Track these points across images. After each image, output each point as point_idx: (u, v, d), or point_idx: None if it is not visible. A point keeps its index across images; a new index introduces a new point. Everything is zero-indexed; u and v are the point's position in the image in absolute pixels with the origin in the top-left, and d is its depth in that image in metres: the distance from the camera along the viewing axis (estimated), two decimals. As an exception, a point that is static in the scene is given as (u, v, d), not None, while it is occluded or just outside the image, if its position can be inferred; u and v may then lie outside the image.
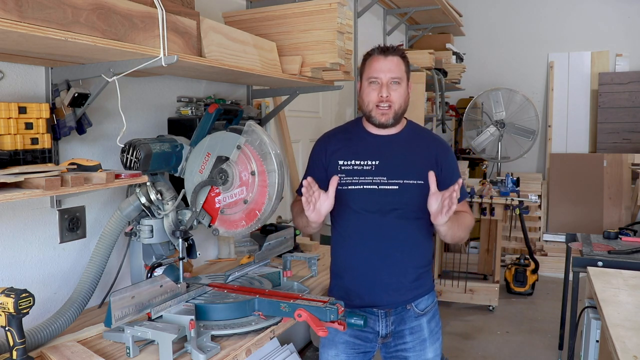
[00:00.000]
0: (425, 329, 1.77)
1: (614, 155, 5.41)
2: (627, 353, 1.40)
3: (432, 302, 1.80)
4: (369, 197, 1.68)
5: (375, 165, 1.69)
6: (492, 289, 4.22)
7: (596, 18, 5.85)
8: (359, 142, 1.75)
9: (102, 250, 1.67)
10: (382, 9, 4.90)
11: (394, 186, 1.67)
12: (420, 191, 1.65)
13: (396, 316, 1.74)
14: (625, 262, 2.45)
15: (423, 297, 1.76)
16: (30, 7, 1.13)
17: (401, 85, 1.69)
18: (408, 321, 1.75)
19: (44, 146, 1.47)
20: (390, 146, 1.73)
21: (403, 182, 1.67)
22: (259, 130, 1.74)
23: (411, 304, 1.75)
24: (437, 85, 4.79)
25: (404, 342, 1.76)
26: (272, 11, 2.22)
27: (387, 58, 1.68)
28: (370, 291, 1.72)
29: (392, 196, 1.67)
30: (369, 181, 1.68)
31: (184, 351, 1.43)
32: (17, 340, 1.27)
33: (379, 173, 1.69)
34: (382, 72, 1.67)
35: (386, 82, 1.66)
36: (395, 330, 1.76)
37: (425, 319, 1.77)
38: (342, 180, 1.69)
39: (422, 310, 1.76)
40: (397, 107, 1.69)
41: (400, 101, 1.69)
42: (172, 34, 1.53)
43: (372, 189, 1.68)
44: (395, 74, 1.67)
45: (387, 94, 1.66)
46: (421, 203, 1.64)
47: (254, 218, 1.75)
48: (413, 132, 1.78)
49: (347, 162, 1.72)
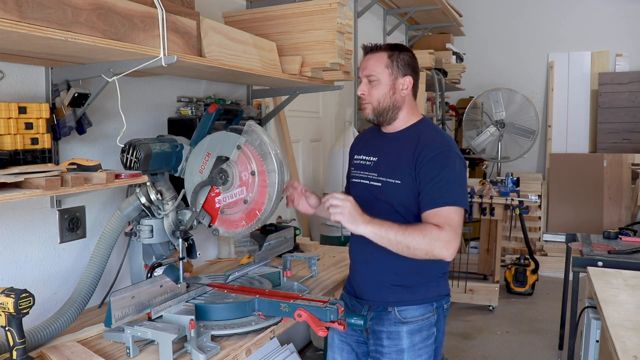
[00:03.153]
0: (405, 339, 1.68)
1: (614, 155, 5.41)
2: (627, 353, 1.40)
3: (421, 315, 1.69)
4: (362, 192, 1.74)
5: (374, 161, 1.74)
6: (492, 289, 4.23)
7: (596, 18, 5.85)
8: (372, 139, 1.82)
9: (102, 250, 1.66)
10: (382, 9, 4.90)
11: (378, 183, 1.70)
12: (397, 191, 1.65)
13: (376, 314, 1.73)
14: (625, 262, 2.45)
15: (410, 305, 1.69)
16: (30, 7, 1.13)
17: (380, 82, 1.68)
18: (386, 324, 1.70)
19: (44, 146, 1.47)
20: (389, 144, 1.74)
21: (386, 180, 1.68)
22: (259, 130, 1.74)
23: (393, 308, 1.69)
24: (437, 85, 4.79)
25: (381, 345, 1.72)
26: (272, 11, 2.22)
27: (365, 56, 1.73)
28: (358, 282, 1.79)
29: (376, 192, 1.70)
30: (365, 176, 1.75)
31: (184, 351, 1.43)
32: (17, 340, 1.27)
33: (374, 169, 1.73)
34: (360, 70, 1.73)
35: (364, 80, 1.71)
36: (374, 329, 1.73)
37: (405, 328, 1.68)
38: (352, 173, 1.82)
39: (405, 319, 1.68)
40: (375, 104, 1.70)
41: (378, 98, 1.68)
42: (172, 34, 1.53)
43: (365, 183, 1.74)
44: (369, 72, 1.69)
45: (362, 91, 1.71)
46: (400, 203, 1.65)
47: (254, 218, 1.75)
48: (414, 132, 1.72)
49: (359, 156, 1.81)
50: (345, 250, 2.08)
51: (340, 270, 2.29)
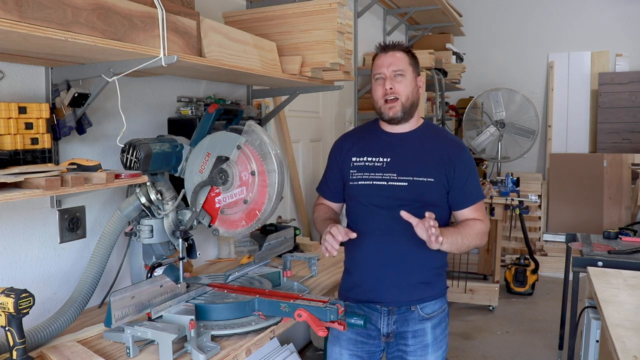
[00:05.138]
0: (429, 335, 1.73)
1: (614, 155, 5.41)
2: (627, 353, 1.40)
3: (440, 308, 1.76)
4: (377, 192, 1.70)
5: (386, 162, 1.72)
6: (492, 289, 4.22)
7: (596, 18, 5.85)
8: (373, 140, 1.79)
9: (102, 250, 1.67)
10: (382, 9, 4.90)
11: (403, 182, 1.68)
12: (430, 189, 1.67)
13: (399, 316, 1.73)
14: (625, 262, 2.45)
15: (431, 301, 1.73)
16: (30, 7, 1.13)
17: (406, 77, 1.70)
18: (412, 323, 1.72)
19: (44, 146, 1.47)
20: (402, 144, 1.74)
21: (413, 178, 1.67)
22: (259, 130, 1.74)
23: (416, 306, 1.72)
24: (437, 85, 4.79)
25: (405, 345, 1.73)
26: (272, 11, 2.22)
27: (387, 53, 1.72)
28: (375, 286, 1.72)
29: (400, 192, 1.67)
30: (379, 177, 1.70)
31: (184, 351, 1.43)
32: (17, 340, 1.27)
33: (390, 170, 1.70)
34: (384, 67, 1.71)
35: (389, 75, 1.70)
36: (398, 331, 1.74)
37: (430, 324, 1.73)
38: (354, 176, 1.75)
39: (428, 315, 1.73)
40: (404, 99, 1.69)
41: (406, 93, 1.70)
42: (172, 34, 1.53)
43: (381, 184, 1.70)
44: (397, 67, 1.69)
45: (391, 85, 1.69)
46: (431, 201, 1.66)
47: (254, 218, 1.75)
48: (428, 131, 1.78)
49: (359, 158, 1.76)
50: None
51: (340, 271, 2.28)
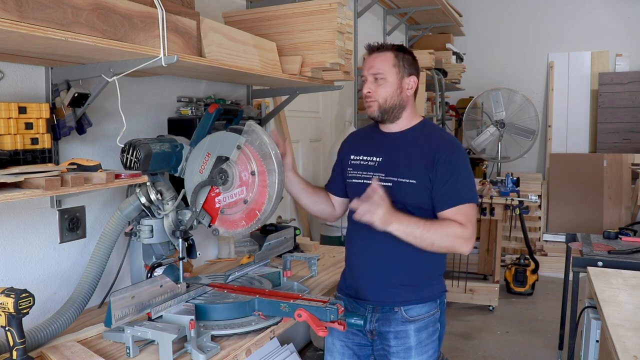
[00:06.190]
0: (412, 337, 1.70)
1: (614, 155, 5.41)
2: (627, 353, 1.40)
3: (427, 312, 1.72)
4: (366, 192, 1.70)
5: (378, 161, 1.73)
6: (492, 289, 4.22)
7: (596, 18, 5.85)
8: (371, 139, 1.81)
9: (102, 250, 1.67)
10: (382, 9, 4.90)
11: (388, 183, 1.67)
12: (412, 190, 1.65)
13: (382, 315, 1.72)
14: (625, 262, 2.45)
15: (417, 304, 1.71)
16: (30, 7, 1.13)
17: (387, 79, 1.69)
18: (394, 324, 1.71)
19: (44, 146, 1.47)
20: (394, 143, 1.74)
21: (397, 179, 1.67)
22: (259, 130, 1.74)
23: (400, 308, 1.70)
24: (437, 85, 4.79)
25: (388, 345, 1.72)
26: (272, 11, 2.22)
27: (371, 55, 1.74)
28: (360, 284, 1.76)
29: (386, 193, 1.65)
30: (370, 176, 1.71)
31: (184, 351, 1.43)
32: (17, 340, 1.27)
33: (380, 169, 1.71)
34: (366, 69, 1.73)
35: (370, 78, 1.72)
36: (380, 331, 1.73)
37: (413, 327, 1.70)
38: (350, 174, 1.79)
39: (412, 317, 1.70)
40: (381, 101, 1.70)
41: (385, 96, 1.70)
42: (172, 34, 1.53)
43: (369, 184, 1.68)
44: (376, 70, 1.70)
45: (369, 89, 1.71)
46: (414, 203, 1.65)
47: (254, 218, 1.75)
48: (421, 131, 1.76)
49: (356, 157, 1.79)
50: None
51: (340, 271, 2.28)
